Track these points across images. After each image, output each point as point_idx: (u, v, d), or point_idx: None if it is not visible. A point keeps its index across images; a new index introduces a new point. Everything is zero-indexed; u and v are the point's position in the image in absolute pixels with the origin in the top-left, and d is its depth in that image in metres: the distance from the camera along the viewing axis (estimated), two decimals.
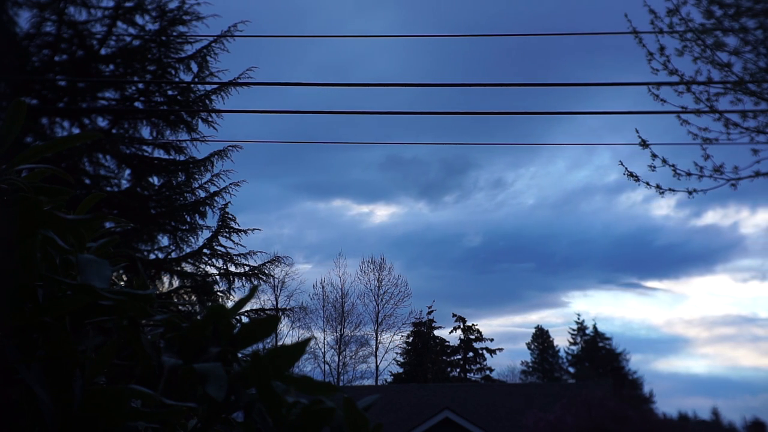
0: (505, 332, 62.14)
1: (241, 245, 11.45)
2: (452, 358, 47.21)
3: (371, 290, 41.73)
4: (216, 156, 11.29)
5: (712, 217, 56.93)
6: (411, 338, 44.82)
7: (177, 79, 11.40)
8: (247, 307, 10.85)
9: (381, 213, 57.45)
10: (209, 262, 11.39)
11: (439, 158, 55.06)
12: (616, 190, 58.09)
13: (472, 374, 46.82)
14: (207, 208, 11.17)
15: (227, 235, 11.40)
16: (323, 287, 41.08)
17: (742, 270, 59.03)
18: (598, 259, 61.13)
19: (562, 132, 44.92)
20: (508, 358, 77.36)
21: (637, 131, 7.97)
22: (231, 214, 11.40)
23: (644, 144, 7.90)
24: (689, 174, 7.74)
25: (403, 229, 56.46)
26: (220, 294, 11.32)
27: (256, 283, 11.59)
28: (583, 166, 58.99)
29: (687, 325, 62.85)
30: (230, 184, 11.28)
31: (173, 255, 11.16)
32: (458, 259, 58.42)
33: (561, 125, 49.42)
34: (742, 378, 60.31)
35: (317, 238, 55.42)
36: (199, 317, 1.09)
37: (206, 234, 11.31)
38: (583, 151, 59.25)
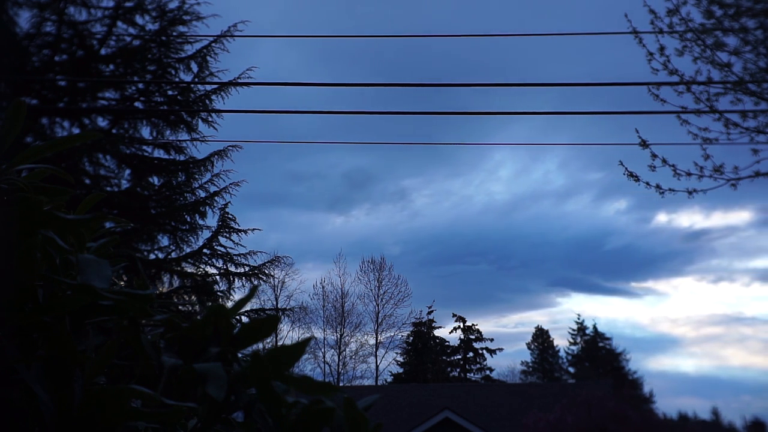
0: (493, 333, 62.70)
1: (241, 245, 11.46)
2: (452, 358, 47.22)
3: (371, 290, 41.76)
4: (216, 156, 11.29)
5: (669, 218, 57.79)
6: (411, 338, 44.83)
7: (177, 79, 11.40)
8: (247, 307, 10.85)
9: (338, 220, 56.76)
10: (209, 262, 11.39)
11: (341, 171, 54.32)
12: (565, 194, 58.73)
13: (472, 374, 46.82)
14: (207, 208, 11.18)
15: (227, 235, 11.40)
16: (323, 287, 41.13)
17: (710, 271, 59.65)
18: (559, 261, 61.55)
19: (502, 133, 44.69)
20: (507, 359, 77.60)
21: (637, 131, 7.97)
22: (231, 214, 11.41)
23: (644, 144, 7.90)
24: (689, 174, 7.74)
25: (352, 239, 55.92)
26: (220, 294, 11.32)
27: (256, 283, 11.59)
28: (530, 171, 59.30)
29: (672, 323, 63.27)
30: (230, 184, 11.29)
31: (173, 255, 11.16)
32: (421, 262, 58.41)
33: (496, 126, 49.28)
34: (731, 377, 60.68)
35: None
36: (199, 317, 1.09)
37: (206, 234, 11.32)
38: (525, 155, 59.01)
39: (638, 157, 7.96)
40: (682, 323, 63.22)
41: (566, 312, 61.58)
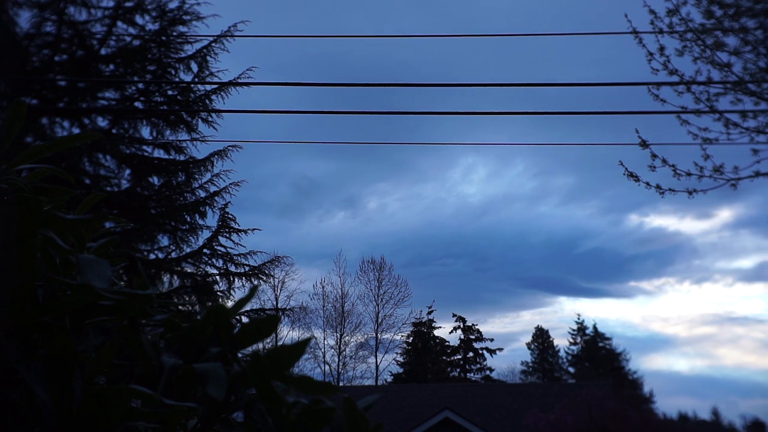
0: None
1: (241, 245, 11.46)
2: (452, 358, 47.21)
3: (371, 290, 41.75)
4: (216, 156, 11.29)
5: (646, 219, 58.07)
6: (411, 338, 44.83)
7: (177, 79, 11.40)
8: (247, 307, 10.84)
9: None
10: (209, 262, 11.39)
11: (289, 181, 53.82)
12: (536, 197, 58.93)
13: (472, 374, 46.82)
14: (207, 208, 11.17)
15: (227, 235, 11.39)
16: (323, 287, 41.12)
17: (692, 272, 59.95)
18: (536, 262, 61.65)
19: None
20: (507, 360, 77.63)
21: (637, 131, 7.97)
22: (231, 214, 11.40)
23: (644, 144, 7.89)
24: (689, 174, 7.74)
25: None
26: (220, 294, 11.31)
27: (256, 283, 11.58)
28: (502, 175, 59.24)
29: (664, 322, 63.47)
30: (230, 184, 11.29)
31: (173, 255, 11.15)
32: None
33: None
34: (725, 376, 60.83)
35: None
36: (199, 317, 1.09)
37: (206, 234, 11.31)
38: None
39: (615, 157, 7.98)
40: (674, 322, 63.55)
41: (550, 313, 61.90)
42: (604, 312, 65.11)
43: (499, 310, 63.05)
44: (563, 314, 60.90)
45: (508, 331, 61.57)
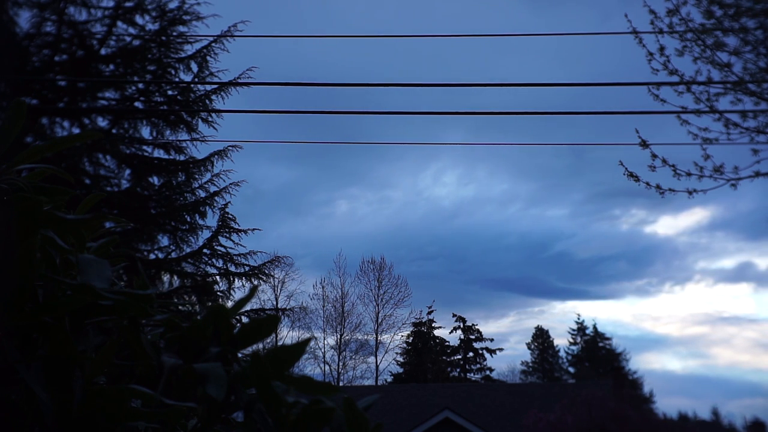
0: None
1: (241, 245, 11.46)
2: (452, 358, 47.21)
3: (371, 290, 41.75)
4: (216, 156, 11.29)
5: (628, 220, 58.20)
6: (411, 338, 44.83)
7: (177, 79, 11.39)
8: (247, 307, 10.85)
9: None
10: (209, 262, 11.39)
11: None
12: (506, 200, 59.08)
13: (472, 374, 46.82)
14: (207, 208, 11.17)
15: (227, 235, 11.39)
16: (323, 287, 41.12)
17: (675, 272, 60.19)
18: (510, 264, 61.63)
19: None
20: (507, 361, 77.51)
21: (637, 131, 7.97)
22: (231, 214, 11.40)
23: (644, 144, 7.89)
24: (689, 174, 7.74)
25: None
26: (220, 294, 11.32)
27: (256, 283, 11.58)
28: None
29: (655, 321, 63.64)
30: (230, 184, 11.29)
31: (173, 255, 11.15)
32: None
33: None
34: (718, 376, 60.98)
35: None
36: (199, 317, 1.09)
37: (206, 234, 11.31)
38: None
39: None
40: (665, 321, 63.74)
41: (534, 314, 61.93)
42: (592, 312, 65.45)
43: (485, 312, 63.11)
44: (545, 316, 61.14)
45: (496, 331, 61.82)
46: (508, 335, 65.25)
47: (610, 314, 65.03)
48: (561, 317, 61.14)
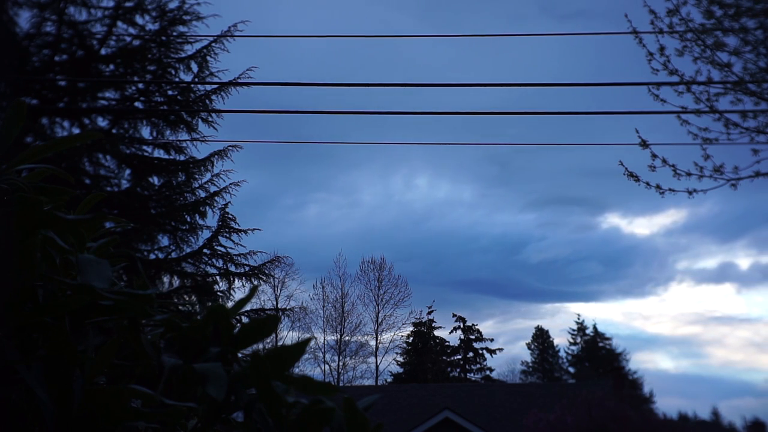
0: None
1: (241, 245, 11.45)
2: (452, 358, 47.21)
3: (371, 290, 41.75)
4: (216, 156, 11.28)
5: (606, 221, 58.28)
6: (411, 338, 44.82)
7: (177, 79, 11.39)
8: (247, 307, 10.84)
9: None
10: (209, 262, 11.38)
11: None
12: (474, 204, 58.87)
13: (472, 374, 46.82)
14: (207, 208, 11.17)
15: (227, 235, 11.39)
16: (323, 287, 41.12)
17: (658, 273, 60.42)
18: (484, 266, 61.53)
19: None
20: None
21: (637, 131, 7.97)
22: (231, 214, 11.40)
23: (644, 144, 7.89)
24: (689, 174, 7.74)
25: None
26: (220, 294, 11.31)
27: (256, 283, 11.58)
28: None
29: (645, 320, 63.71)
30: (230, 184, 11.28)
31: (173, 255, 11.15)
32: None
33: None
34: (712, 375, 61.12)
35: None
36: (199, 317, 1.09)
37: (206, 234, 11.30)
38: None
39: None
40: (656, 321, 63.94)
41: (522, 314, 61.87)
42: (582, 312, 65.50)
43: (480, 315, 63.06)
44: (534, 318, 61.23)
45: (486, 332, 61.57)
46: (497, 336, 65.42)
47: (597, 314, 65.20)
48: (554, 319, 61.15)
